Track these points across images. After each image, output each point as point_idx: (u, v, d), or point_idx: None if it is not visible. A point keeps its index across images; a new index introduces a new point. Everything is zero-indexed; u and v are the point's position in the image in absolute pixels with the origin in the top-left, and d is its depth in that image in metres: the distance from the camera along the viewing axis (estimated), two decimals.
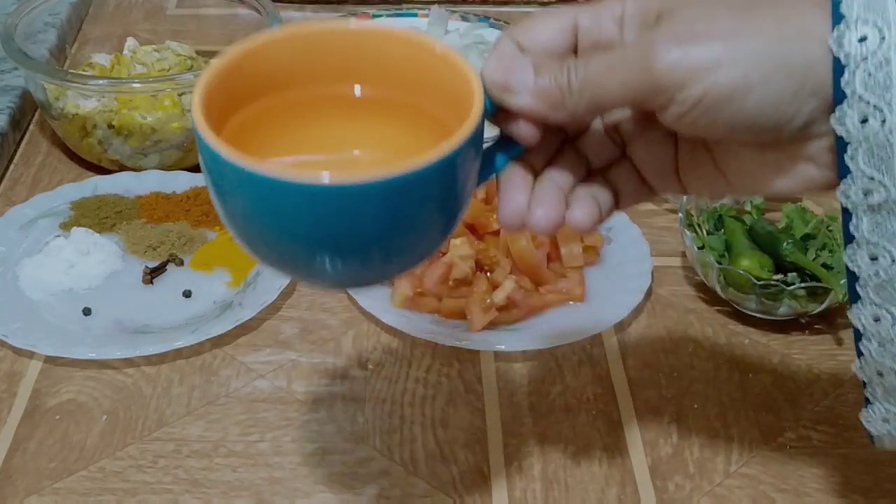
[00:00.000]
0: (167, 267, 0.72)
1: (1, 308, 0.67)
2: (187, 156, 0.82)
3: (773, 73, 0.38)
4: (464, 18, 0.98)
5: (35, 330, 0.66)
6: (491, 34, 0.97)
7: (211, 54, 0.91)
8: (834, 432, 0.62)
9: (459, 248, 0.69)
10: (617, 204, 0.46)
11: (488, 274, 0.70)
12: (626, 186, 0.46)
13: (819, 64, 0.38)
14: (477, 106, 0.40)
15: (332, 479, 0.58)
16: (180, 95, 0.80)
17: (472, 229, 0.72)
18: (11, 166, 0.84)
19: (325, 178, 0.36)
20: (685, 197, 0.73)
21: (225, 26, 1.01)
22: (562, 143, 0.46)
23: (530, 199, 0.43)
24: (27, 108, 0.89)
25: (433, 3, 1.07)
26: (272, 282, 0.69)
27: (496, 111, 0.42)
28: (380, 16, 0.99)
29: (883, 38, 0.37)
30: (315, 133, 0.44)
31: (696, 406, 0.63)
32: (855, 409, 0.43)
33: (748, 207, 0.74)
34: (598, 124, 0.46)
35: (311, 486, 0.58)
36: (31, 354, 0.66)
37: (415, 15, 0.99)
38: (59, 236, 0.74)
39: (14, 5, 0.93)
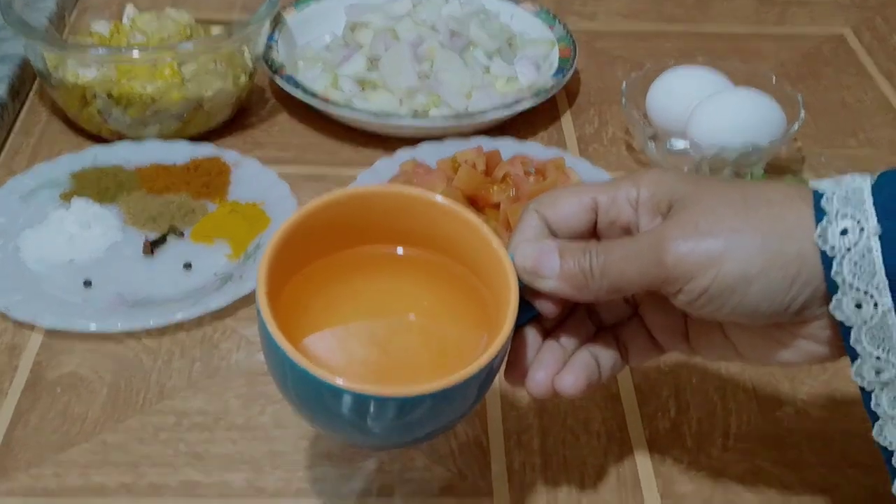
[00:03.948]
0: (167, 239, 0.72)
1: (2, 280, 0.67)
2: (186, 126, 0.82)
3: (770, 267, 0.41)
4: None
5: (36, 302, 0.66)
6: (491, 4, 0.96)
7: (209, 22, 0.90)
8: (832, 407, 0.62)
9: None
10: (626, 360, 0.50)
11: None
12: (635, 344, 0.50)
13: (810, 257, 0.41)
14: (510, 321, 0.44)
15: (332, 453, 0.58)
16: (180, 65, 0.80)
17: (473, 202, 0.72)
18: (11, 136, 0.84)
19: (393, 390, 0.42)
20: None
21: None
22: (576, 303, 0.48)
23: (533, 360, 0.47)
24: (26, 78, 0.89)
25: None
26: None
27: (524, 286, 0.46)
28: None
29: (862, 230, 0.40)
30: (367, 291, 0.49)
31: (694, 380, 0.64)
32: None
33: None
34: None
35: (311, 459, 0.58)
36: (31, 327, 0.66)
37: None
38: (59, 207, 0.74)
39: None
